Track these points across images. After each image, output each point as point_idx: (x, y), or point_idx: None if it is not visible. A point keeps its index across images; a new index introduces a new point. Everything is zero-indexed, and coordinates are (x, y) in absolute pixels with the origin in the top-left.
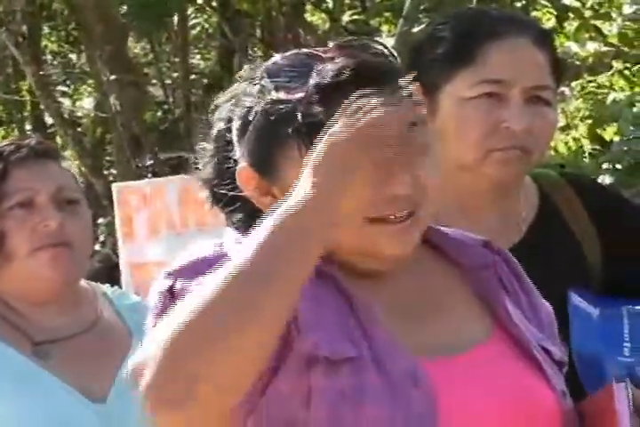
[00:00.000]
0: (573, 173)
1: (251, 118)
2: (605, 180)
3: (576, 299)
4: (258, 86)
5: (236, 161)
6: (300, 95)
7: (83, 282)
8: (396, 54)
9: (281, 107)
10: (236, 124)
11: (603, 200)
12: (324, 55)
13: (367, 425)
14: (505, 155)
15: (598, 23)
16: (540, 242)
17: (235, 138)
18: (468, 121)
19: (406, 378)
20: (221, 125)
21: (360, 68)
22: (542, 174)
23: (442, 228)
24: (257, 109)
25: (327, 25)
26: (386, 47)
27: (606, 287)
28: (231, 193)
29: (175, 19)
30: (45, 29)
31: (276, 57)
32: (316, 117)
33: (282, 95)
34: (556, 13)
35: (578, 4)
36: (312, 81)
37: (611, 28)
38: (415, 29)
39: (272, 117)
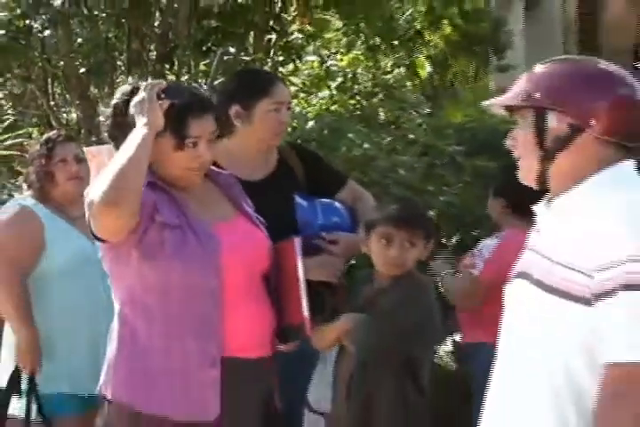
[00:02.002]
0: (291, 142)
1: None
2: None
3: (298, 199)
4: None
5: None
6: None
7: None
8: (210, 93)
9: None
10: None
11: (307, 154)
12: (180, 87)
13: (190, 254)
14: (282, 133)
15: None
16: (279, 174)
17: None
18: (270, 121)
19: (205, 232)
20: (117, 103)
21: (198, 97)
22: None
23: (214, 168)
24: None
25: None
26: (204, 90)
27: (311, 195)
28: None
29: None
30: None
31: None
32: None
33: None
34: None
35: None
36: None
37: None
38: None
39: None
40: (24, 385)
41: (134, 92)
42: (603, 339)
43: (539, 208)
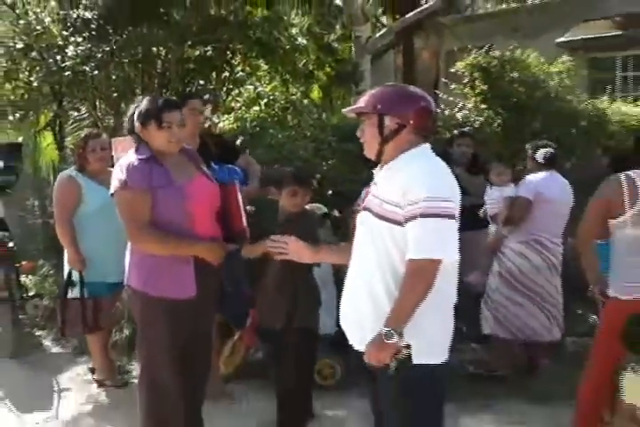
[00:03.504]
0: (207, 131)
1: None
2: None
3: (213, 165)
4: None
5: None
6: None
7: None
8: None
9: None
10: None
11: (217, 138)
12: (159, 97)
13: (172, 201)
14: (199, 126)
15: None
16: (201, 151)
17: (135, 117)
18: (190, 121)
19: (180, 188)
20: (131, 114)
21: (168, 101)
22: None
23: (185, 146)
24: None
25: None
26: (173, 99)
27: (221, 162)
28: (135, 136)
29: None
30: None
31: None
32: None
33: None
34: None
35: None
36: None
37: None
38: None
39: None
40: (76, 279)
41: (137, 106)
42: (408, 246)
43: (376, 171)
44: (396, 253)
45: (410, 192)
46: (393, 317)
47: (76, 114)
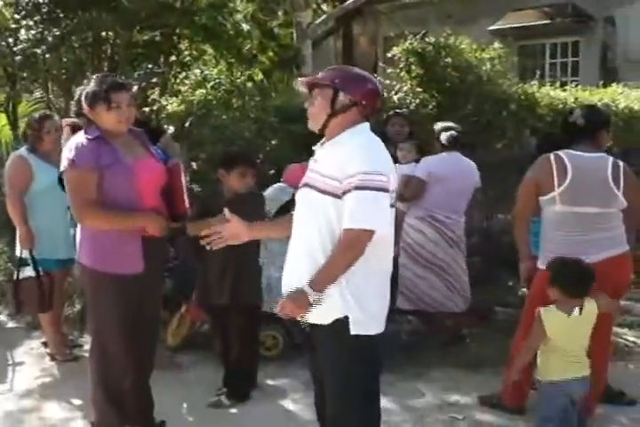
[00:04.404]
0: (141, 115)
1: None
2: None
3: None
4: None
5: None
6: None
7: None
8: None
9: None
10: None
11: (143, 124)
12: (110, 77)
13: (119, 179)
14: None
15: None
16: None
17: (83, 98)
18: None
19: (128, 166)
20: (78, 96)
21: (115, 82)
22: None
23: (132, 127)
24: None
25: None
26: (123, 80)
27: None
28: (84, 118)
29: None
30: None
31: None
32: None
33: (96, 87)
34: None
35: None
36: (104, 85)
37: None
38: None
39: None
40: (27, 256)
41: (84, 89)
42: (344, 215)
43: (316, 147)
44: (337, 227)
45: (347, 166)
46: (318, 277)
47: (29, 96)
